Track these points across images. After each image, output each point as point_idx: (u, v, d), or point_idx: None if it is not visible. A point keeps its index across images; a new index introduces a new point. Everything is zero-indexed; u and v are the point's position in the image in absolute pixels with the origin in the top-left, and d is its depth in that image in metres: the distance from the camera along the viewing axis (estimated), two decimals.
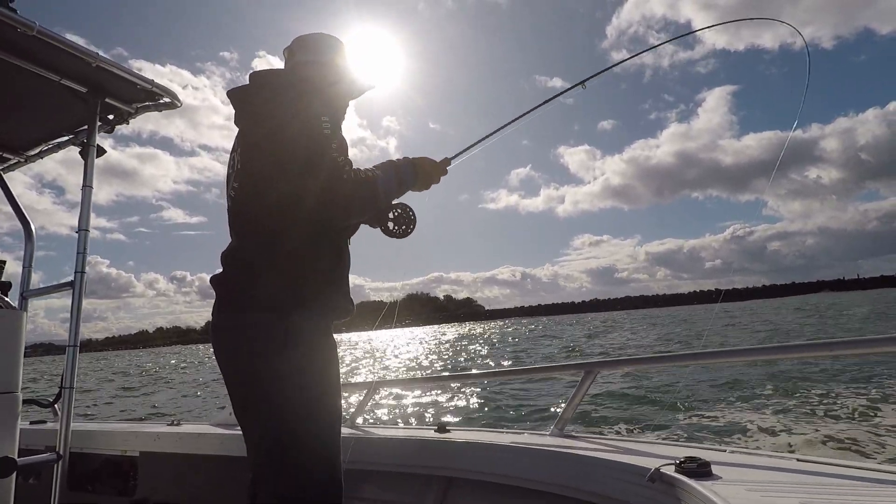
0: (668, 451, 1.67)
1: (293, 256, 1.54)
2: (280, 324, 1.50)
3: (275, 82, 1.66)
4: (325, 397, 1.55)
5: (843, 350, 1.54)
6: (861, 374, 10.61)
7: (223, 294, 1.60)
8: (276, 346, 1.49)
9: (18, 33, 1.83)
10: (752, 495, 1.13)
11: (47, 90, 2.19)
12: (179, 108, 2.47)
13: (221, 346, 1.58)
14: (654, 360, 2.12)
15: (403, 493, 2.16)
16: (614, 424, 8.05)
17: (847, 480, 1.23)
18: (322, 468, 1.51)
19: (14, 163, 2.76)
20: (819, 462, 1.41)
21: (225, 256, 1.63)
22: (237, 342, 1.54)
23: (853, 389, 9.24)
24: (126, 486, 2.77)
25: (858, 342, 1.50)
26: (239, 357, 1.54)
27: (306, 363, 1.52)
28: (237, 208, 1.63)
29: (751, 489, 1.18)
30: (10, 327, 1.99)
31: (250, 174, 1.60)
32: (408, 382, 8.02)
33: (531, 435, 2.10)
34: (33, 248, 2.64)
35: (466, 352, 26.17)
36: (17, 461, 1.88)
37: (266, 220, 1.55)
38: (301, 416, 1.50)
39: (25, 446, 2.16)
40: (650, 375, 12.23)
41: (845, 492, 1.15)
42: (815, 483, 1.22)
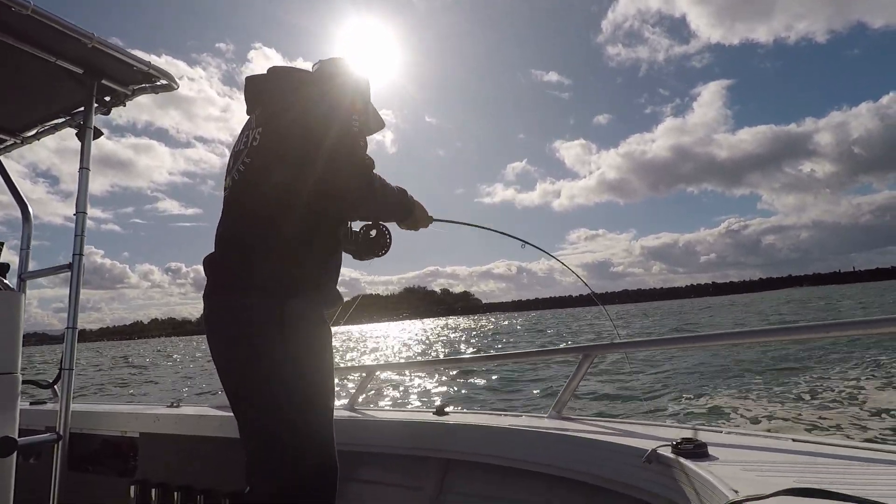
0: (664, 432, 1.68)
1: (293, 242, 1.54)
2: (278, 308, 1.49)
3: (312, 76, 1.67)
4: (320, 384, 1.55)
5: (839, 331, 1.55)
6: (855, 355, 10.69)
7: (220, 275, 1.58)
8: (274, 331, 1.48)
9: (13, 12, 1.81)
10: (747, 475, 1.14)
11: (43, 71, 2.17)
12: (176, 90, 2.45)
13: (215, 328, 1.55)
14: (651, 344, 2.13)
15: (402, 474, 2.18)
16: (612, 407, 8.12)
17: (840, 460, 1.24)
18: (318, 453, 1.52)
19: (10, 144, 2.74)
20: (813, 442, 1.43)
21: (221, 237, 1.61)
22: (233, 324, 1.51)
23: (846, 371, 9.32)
24: (126, 466, 2.79)
25: (854, 324, 1.50)
26: (235, 340, 1.52)
27: (303, 349, 1.52)
28: (242, 185, 1.59)
29: (746, 469, 1.19)
30: (8, 308, 1.99)
31: (267, 151, 1.56)
32: (406, 366, 8.07)
33: (529, 417, 2.11)
34: (31, 229, 2.63)
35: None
36: (18, 441, 1.89)
37: (271, 201, 1.53)
38: (297, 402, 1.49)
39: (25, 426, 2.17)
40: (648, 358, 12.31)
41: (839, 470, 1.16)
42: (809, 462, 1.24)
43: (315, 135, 1.50)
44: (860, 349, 11.54)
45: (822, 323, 1.54)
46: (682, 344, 2.00)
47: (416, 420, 2.18)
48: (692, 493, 1.22)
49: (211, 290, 1.58)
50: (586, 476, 1.69)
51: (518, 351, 2.51)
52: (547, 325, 40.36)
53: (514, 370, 12.05)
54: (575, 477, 1.72)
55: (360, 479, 2.23)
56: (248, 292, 1.50)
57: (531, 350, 2.40)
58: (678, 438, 1.43)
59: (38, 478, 2.10)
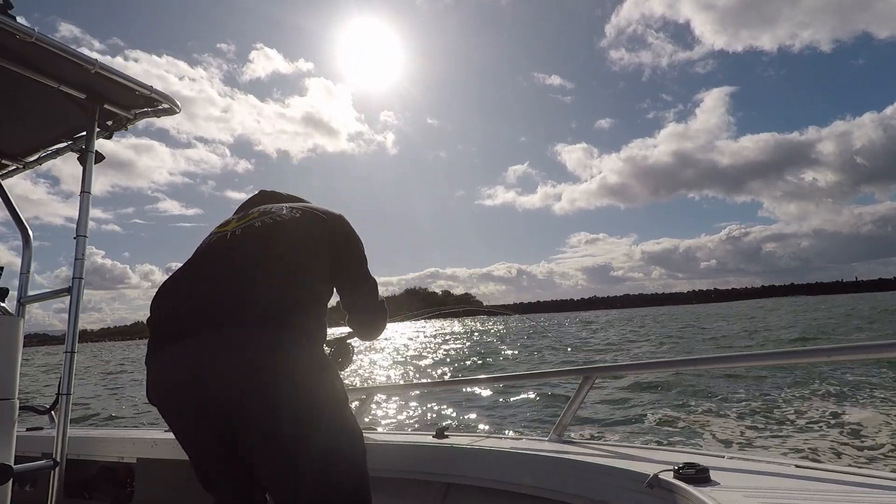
0: (666, 456, 1.67)
1: (307, 298, 1.57)
2: (315, 347, 1.53)
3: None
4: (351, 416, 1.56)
5: (841, 356, 1.54)
6: (860, 379, 10.62)
7: (256, 307, 1.46)
8: (319, 366, 1.50)
9: (17, 40, 1.84)
10: (750, 501, 1.13)
11: (46, 97, 2.19)
12: (178, 113, 2.48)
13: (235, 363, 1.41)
14: (652, 366, 2.12)
15: (402, 499, 2.15)
16: (613, 430, 8.04)
17: (845, 486, 1.23)
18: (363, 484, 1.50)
19: (13, 169, 2.76)
20: (817, 468, 1.41)
21: (234, 262, 1.54)
22: (279, 359, 1.42)
23: (852, 396, 9.26)
24: (123, 493, 2.76)
25: (859, 348, 1.50)
26: (287, 376, 1.42)
27: (338, 381, 1.55)
28: (273, 232, 1.61)
29: (749, 495, 1.18)
30: (7, 334, 1.98)
31: (304, 231, 1.66)
32: (405, 388, 8.00)
33: (530, 440, 2.10)
34: (31, 254, 2.64)
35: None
36: (14, 468, 1.87)
37: (294, 266, 1.58)
38: (347, 434, 1.50)
39: (21, 453, 2.15)
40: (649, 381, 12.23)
41: (843, 498, 1.15)
42: (813, 489, 1.22)
43: (351, 254, 1.74)
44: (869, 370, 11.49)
45: (826, 347, 1.54)
46: (685, 366, 1.99)
47: (416, 443, 2.16)
48: None
49: (235, 321, 1.44)
50: (587, 501, 1.67)
51: (518, 373, 2.50)
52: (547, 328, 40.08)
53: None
54: (576, 502, 1.70)
55: None
56: (291, 329, 1.46)
57: (531, 372, 2.39)
58: (680, 463, 1.42)
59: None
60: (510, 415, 9.94)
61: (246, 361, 1.39)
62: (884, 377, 10.66)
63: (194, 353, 1.42)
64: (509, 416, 9.74)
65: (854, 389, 9.76)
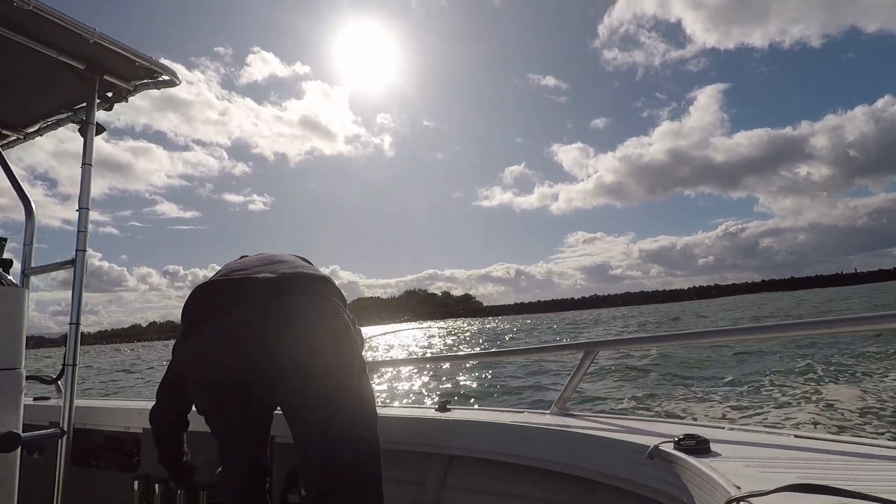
0: (667, 428, 1.68)
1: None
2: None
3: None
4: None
5: (842, 327, 1.54)
6: (858, 352, 10.67)
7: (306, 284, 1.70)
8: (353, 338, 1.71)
9: (15, 7, 1.81)
10: (749, 471, 1.14)
11: (45, 66, 2.17)
12: (178, 85, 2.45)
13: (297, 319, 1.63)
14: (652, 340, 2.12)
15: (405, 470, 2.18)
16: (614, 404, 8.12)
17: (843, 456, 1.24)
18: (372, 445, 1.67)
19: (13, 139, 2.74)
20: (816, 438, 1.42)
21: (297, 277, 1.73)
22: (331, 322, 1.66)
23: (850, 368, 9.30)
24: (129, 462, 2.79)
25: (860, 319, 1.50)
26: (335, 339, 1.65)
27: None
28: (294, 275, 1.74)
29: (749, 465, 1.19)
30: (12, 304, 1.99)
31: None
32: (407, 363, 8.05)
33: (531, 413, 2.11)
34: (34, 225, 2.63)
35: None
36: (22, 436, 1.89)
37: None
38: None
39: (29, 422, 2.18)
40: (649, 355, 12.29)
41: (841, 467, 1.16)
42: (811, 458, 1.23)
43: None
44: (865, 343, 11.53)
45: (827, 319, 1.54)
46: (683, 340, 2.00)
47: (419, 416, 2.18)
48: (694, 489, 1.22)
49: (286, 289, 1.67)
50: (588, 472, 1.69)
51: (519, 348, 2.50)
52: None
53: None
54: (577, 473, 1.72)
55: None
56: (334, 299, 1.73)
57: (532, 346, 2.40)
58: (680, 434, 1.42)
59: (41, 473, 2.11)
60: (512, 388, 10.03)
61: (294, 331, 1.60)
62: (883, 349, 10.71)
63: (243, 319, 1.61)
64: (511, 390, 9.83)
65: (855, 361, 9.82)
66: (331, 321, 1.66)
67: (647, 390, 9.00)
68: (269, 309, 1.62)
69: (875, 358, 10.12)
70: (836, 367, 9.54)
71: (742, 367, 10.38)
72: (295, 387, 1.61)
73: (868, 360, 10.00)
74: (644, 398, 8.38)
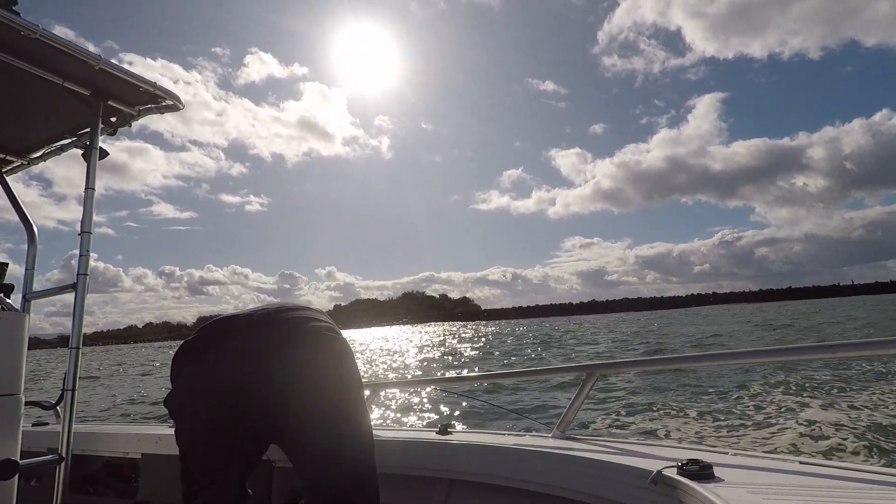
0: (670, 453, 1.66)
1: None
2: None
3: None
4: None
5: (845, 352, 1.54)
6: (865, 376, 10.59)
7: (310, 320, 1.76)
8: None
9: (21, 36, 1.84)
10: (754, 498, 1.13)
11: (50, 93, 2.19)
12: (181, 110, 2.48)
13: (300, 341, 1.69)
14: (655, 363, 2.11)
15: (406, 495, 2.15)
16: (616, 426, 8.04)
17: (849, 483, 1.23)
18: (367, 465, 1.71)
19: (17, 165, 2.76)
20: (822, 465, 1.41)
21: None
22: (327, 342, 1.72)
23: (856, 392, 9.23)
24: (128, 488, 2.77)
25: (861, 344, 1.49)
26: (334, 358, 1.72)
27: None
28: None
29: (753, 492, 1.18)
30: (12, 329, 1.99)
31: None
32: (408, 384, 7.98)
33: (533, 437, 2.09)
34: (35, 250, 2.64)
35: None
36: (20, 463, 1.88)
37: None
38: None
39: (27, 448, 2.16)
40: (652, 378, 12.21)
41: (848, 494, 1.14)
42: (817, 486, 1.22)
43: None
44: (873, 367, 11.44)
45: (829, 343, 1.53)
46: (688, 363, 1.99)
47: (420, 439, 2.16)
48: None
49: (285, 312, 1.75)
50: (591, 497, 1.67)
51: (521, 369, 2.50)
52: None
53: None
54: (579, 498, 1.70)
55: None
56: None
57: (534, 368, 2.39)
58: (684, 459, 1.41)
59: (39, 500, 2.09)
60: (514, 411, 9.95)
61: (289, 355, 1.64)
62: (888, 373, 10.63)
63: (242, 352, 1.65)
64: (513, 413, 9.75)
65: (861, 386, 9.73)
66: (330, 343, 1.69)
67: (649, 412, 8.92)
68: (269, 334, 1.67)
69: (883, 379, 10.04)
70: (842, 391, 9.46)
71: (746, 389, 10.30)
72: (293, 408, 1.63)
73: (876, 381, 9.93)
74: (646, 420, 8.30)
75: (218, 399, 1.64)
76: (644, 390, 11.06)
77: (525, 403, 10.61)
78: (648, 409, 9.19)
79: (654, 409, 9.15)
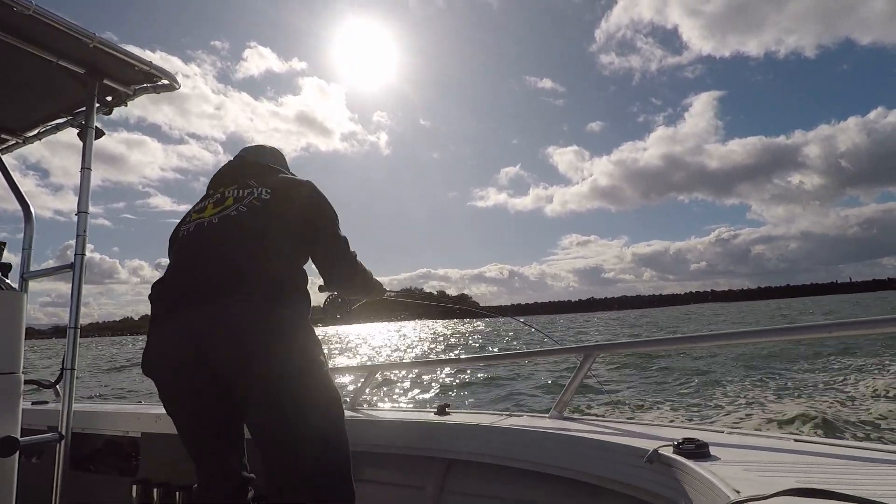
0: (666, 432, 1.68)
1: (284, 274, 1.67)
2: (304, 323, 1.65)
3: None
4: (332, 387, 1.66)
5: (841, 331, 1.54)
6: (858, 356, 10.67)
7: (223, 281, 1.57)
8: (310, 343, 1.62)
9: (15, 12, 1.81)
10: (749, 475, 1.14)
11: (45, 71, 2.17)
12: (177, 90, 2.45)
13: (223, 334, 1.52)
14: (651, 344, 2.12)
15: (404, 474, 2.18)
16: (613, 408, 8.11)
17: (843, 460, 1.24)
18: (337, 450, 1.62)
19: (12, 143, 2.74)
20: (816, 442, 1.42)
21: (216, 247, 1.66)
22: (258, 332, 1.52)
23: (850, 371, 9.30)
24: (128, 466, 2.79)
25: (857, 323, 1.50)
26: (265, 346, 1.52)
27: (312, 353, 1.63)
28: (246, 218, 1.69)
29: (748, 469, 1.19)
30: (10, 308, 1.99)
31: (274, 211, 1.72)
32: (407, 366, 8.05)
33: (530, 417, 2.11)
34: (33, 229, 2.63)
35: None
36: (20, 441, 1.89)
37: (269, 249, 1.66)
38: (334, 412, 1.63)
39: (28, 426, 2.17)
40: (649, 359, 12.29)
41: (841, 471, 1.15)
42: (811, 462, 1.23)
43: (321, 219, 1.80)
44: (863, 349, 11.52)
45: (825, 323, 1.54)
46: (683, 344, 2.00)
47: (418, 420, 2.18)
48: (694, 493, 1.22)
49: (208, 297, 1.56)
50: (588, 476, 1.68)
51: (519, 351, 2.51)
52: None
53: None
54: (576, 477, 1.72)
55: (362, 478, 2.23)
56: (282, 304, 1.60)
57: (532, 350, 2.40)
58: (680, 438, 1.42)
59: (40, 477, 2.10)
60: (512, 392, 10.01)
61: (240, 333, 1.51)
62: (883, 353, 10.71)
63: (193, 324, 1.54)
64: (511, 394, 9.81)
65: (854, 365, 9.81)
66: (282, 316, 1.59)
67: (645, 393, 9.00)
68: (225, 313, 1.54)
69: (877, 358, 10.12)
70: (836, 370, 9.54)
71: (742, 371, 10.38)
72: (253, 389, 1.53)
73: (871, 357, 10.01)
74: (643, 401, 8.37)
75: (178, 368, 1.59)
76: (641, 372, 11.13)
77: (523, 384, 10.68)
78: (645, 390, 9.27)
79: (650, 390, 9.22)
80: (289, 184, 1.84)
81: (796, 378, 9.13)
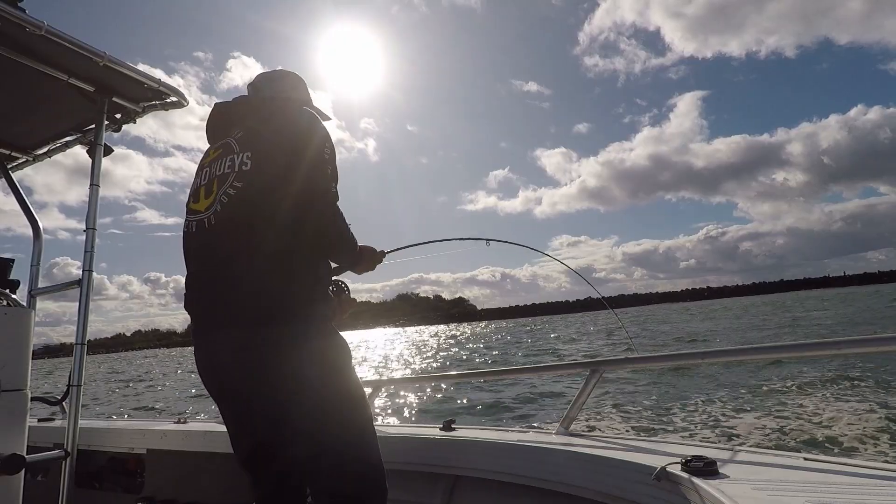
0: (674, 449, 1.66)
1: (303, 263, 1.56)
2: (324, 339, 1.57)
3: (290, 108, 1.71)
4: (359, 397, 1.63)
5: (849, 349, 1.53)
6: (868, 373, 10.55)
7: (236, 306, 1.50)
8: (328, 361, 1.56)
9: (27, 33, 1.84)
10: (758, 494, 1.13)
11: (55, 89, 2.20)
12: (186, 106, 2.49)
13: (243, 360, 1.50)
14: (659, 359, 2.11)
15: (410, 491, 2.16)
16: (621, 423, 8.04)
17: (854, 479, 1.22)
18: (369, 462, 1.58)
19: (22, 161, 2.77)
20: (826, 461, 1.41)
21: (219, 261, 1.55)
22: (273, 355, 1.47)
23: (860, 389, 9.19)
24: (133, 483, 2.78)
25: (865, 341, 1.49)
26: (279, 369, 1.48)
27: (352, 375, 1.61)
28: (241, 206, 1.54)
29: (757, 488, 1.18)
30: (18, 325, 2.00)
31: (263, 175, 1.56)
32: (413, 381, 8.02)
33: (537, 433, 2.10)
34: (41, 246, 2.65)
35: None
36: (26, 458, 1.89)
37: (280, 226, 1.53)
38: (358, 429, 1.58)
39: (34, 443, 2.17)
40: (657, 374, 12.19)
41: (852, 490, 1.14)
42: (821, 482, 1.22)
43: (299, 157, 1.56)
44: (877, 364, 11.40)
45: (834, 340, 1.53)
46: (692, 360, 1.99)
47: (424, 435, 2.17)
48: None
49: (217, 325, 1.54)
50: (595, 493, 1.67)
51: (525, 366, 2.50)
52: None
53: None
54: (583, 494, 1.70)
55: None
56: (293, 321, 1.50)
57: (539, 365, 2.39)
58: (688, 455, 1.41)
59: (45, 494, 2.10)
60: (517, 407, 9.95)
61: (250, 361, 1.47)
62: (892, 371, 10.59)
63: (212, 356, 1.56)
64: (516, 409, 9.75)
65: (864, 383, 9.70)
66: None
67: (653, 408, 8.92)
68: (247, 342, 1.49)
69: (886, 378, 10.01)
70: (846, 387, 9.43)
71: (750, 386, 10.28)
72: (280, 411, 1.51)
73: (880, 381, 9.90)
74: (650, 416, 8.30)
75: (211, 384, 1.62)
76: (648, 387, 11.04)
77: (529, 400, 10.61)
78: (653, 405, 9.18)
79: (658, 405, 9.14)
80: (272, 143, 1.60)
81: (807, 395, 9.03)
